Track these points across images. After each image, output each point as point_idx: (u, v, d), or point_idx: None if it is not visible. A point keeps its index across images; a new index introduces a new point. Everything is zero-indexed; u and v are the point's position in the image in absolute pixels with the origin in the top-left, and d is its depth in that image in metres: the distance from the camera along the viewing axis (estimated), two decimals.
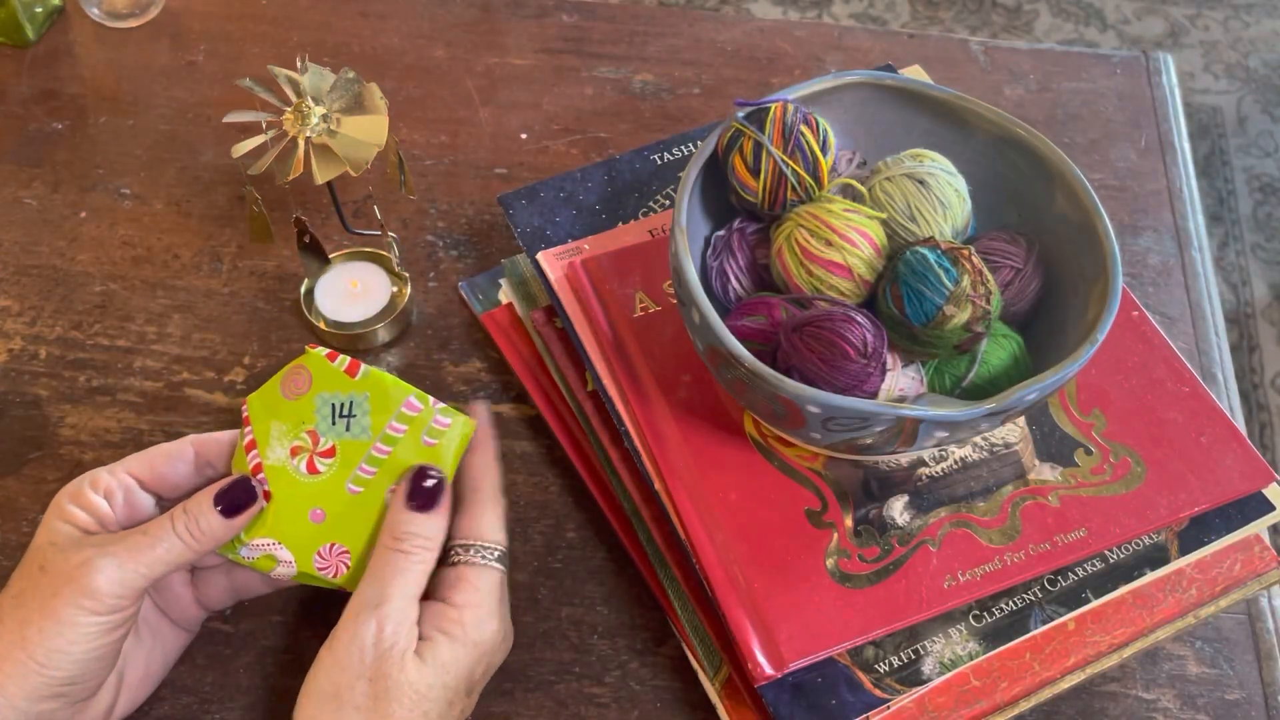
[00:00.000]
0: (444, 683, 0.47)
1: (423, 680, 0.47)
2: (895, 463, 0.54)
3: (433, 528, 0.49)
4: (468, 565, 0.50)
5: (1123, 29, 2.05)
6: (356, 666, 0.46)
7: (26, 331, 0.66)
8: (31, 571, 0.47)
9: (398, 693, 0.46)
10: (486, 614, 0.49)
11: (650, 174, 0.66)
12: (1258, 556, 0.56)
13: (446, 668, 0.47)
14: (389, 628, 0.47)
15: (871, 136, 0.57)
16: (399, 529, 0.49)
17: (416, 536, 0.49)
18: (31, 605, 0.46)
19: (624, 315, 0.58)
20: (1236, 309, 1.70)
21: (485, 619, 0.49)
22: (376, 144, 0.58)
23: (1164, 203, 0.75)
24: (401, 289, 0.66)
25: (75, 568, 0.46)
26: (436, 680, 0.47)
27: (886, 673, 0.51)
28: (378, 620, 0.47)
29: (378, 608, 0.47)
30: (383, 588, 0.47)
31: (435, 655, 0.47)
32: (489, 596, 0.50)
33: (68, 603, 0.46)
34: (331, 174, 0.58)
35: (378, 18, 0.82)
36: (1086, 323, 0.49)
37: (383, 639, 0.46)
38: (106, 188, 0.72)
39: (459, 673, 0.48)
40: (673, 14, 0.84)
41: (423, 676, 0.47)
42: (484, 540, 0.51)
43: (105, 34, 0.80)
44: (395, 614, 0.47)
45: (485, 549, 0.50)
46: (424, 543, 0.49)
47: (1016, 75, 0.81)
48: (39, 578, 0.47)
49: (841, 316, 0.48)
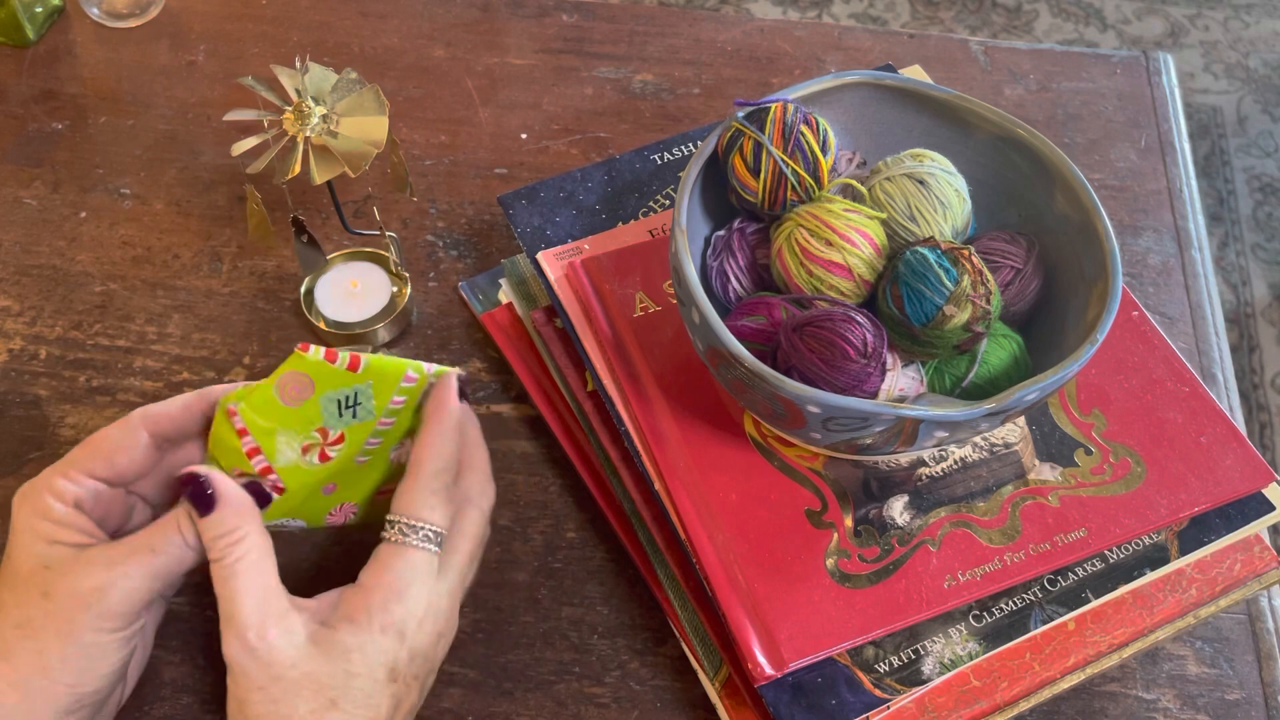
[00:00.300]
0: (346, 670, 0.46)
1: (320, 669, 0.45)
2: (895, 463, 0.54)
3: (224, 523, 0.47)
4: (385, 543, 0.48)
5: (1123, 29, 2.05)
6: (246, 680, 0.45)
7: (26, 331, 0.66)
8: (33, 598, 0.46)
9: (295, 689, 0.45)
10: (397, 596, 0.47)
11: (650, 174, 0.66)
12: (1258, 556, 0.56)
13: (348, 654, 0.46)
14: (251, 637, 0.45)
15: (871, 136, 0.57)
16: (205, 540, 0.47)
17: (217, 540, 0.47)
18: (46, 634, 0.46)
19: (624, 315, 0.58)
20: (1236, 309, 1.70)
21: (395, 601, 0.47)
22: (376, 146, 0.58)
23: (1164, 203, 0.75)
24: (401, 289, 0.66)
25: (90, 592, 0.46)
26: (335, 668, 0.45)
27: (886, 673, 0.51)
28: (240, 631, 0.45)
29: (230, 624, 0.46)
30: (230, 605, 0.46)
31: (334, 642, 0.46)
32: (403, 578, 0.47)
33: (88, 628, 0.46)
34: (329, 174, 0.58)
35: (378, 18, 0.82)
36: (1086, 323, 0.49)
37: (253, 651, 0.45)
38: (106, 188, 0.72)
39: (368, 658, 0.46)
40: (673, 14, 0.84)
41: (316, 665, 0.45)
42: (409, 518, 0.48)
43: (105, 34, 0.80)
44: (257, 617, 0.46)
45: (410, 527, 0.48)
46: (226, 540, 0.47)
47: (1016, 75, 0.81)
48: (45, 604, 0.46)
49: (841, 316, 0.48)
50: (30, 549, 0.47)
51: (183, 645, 0.56)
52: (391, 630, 0.47)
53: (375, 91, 0.59)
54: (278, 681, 0.45)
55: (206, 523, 0.47)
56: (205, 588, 0.57)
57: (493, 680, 0.55)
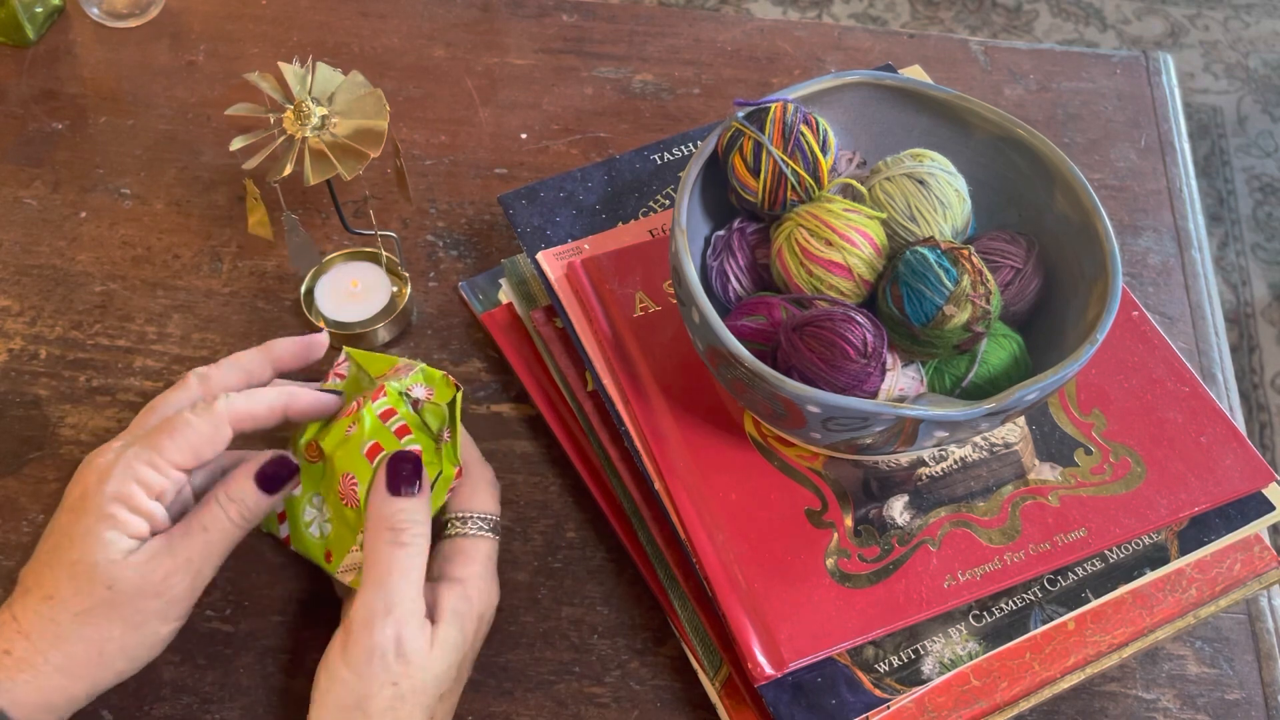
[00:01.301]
0: (453, 661, 0.49)
1: (439, 666, 0.48)
2: (895, 463, 0.54)
3: (422, 510, 0.50)
4: (464, 538, 0.51)
5: (1123, 29, 2.05)
6: (381, 675, 0.46)
7: (26, 331, 0.66)
8: (97, 590, 0.46)
9: (420, 685, 0.47)
10: (487, 584, 0.51)
11: (650, 174, 0.66)
12: (1258, 556, 0.56)
13: (457, 646, 0.49)
14: (407, 632, 0.47)
15: (871, 136, 0.57)
16: (392, 519, 0.48)
17: (411, 523, 0.49)
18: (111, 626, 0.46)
19: (624, 315, 0.58)
20: (1236, 309, 1.70)
21: (486, 589, 0.51)
22: (371, 152, 0.58)
23: (1164, 203, 0.75)
24: (401, 289, 0.66)
25: (159, 584, 0.47)
26: (451, 660, 0.48)
27: (886, 673, 0.51)
28: (394, 628, 0.47)
29: (390, 614, 0.47)
30: (390, 592, 0.47)
31: (447, 638, 0.48)
32: (486, 566, 0.52)
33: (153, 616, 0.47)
34: (323, 176, 0.57)
35: (378, 18, 0.82)
36: (1086, 323, 0.49)
37: (403, 644, 0.47)
38: (106, 188, 0.72)
39: (465, 646, 0.49)
40: (673, 14, 0.84)
41: (437, 663, 0.48)
42: (478, 511, 0.52)
43: (105, 34, 0.80)
44: (409, 617, 0.47)
45: (481, 519, 0.52)
46: (419, 528, 0.49)
47: (1016, 75, 0.81)
48: (109, 596, 0.46)
49: (841, 316, 0.48)
50: (101, 538, 0.46)
51: (183, 645, 0.56)
52: (483, 619, 0.51)
53: (378, 97, 0.59)
54: (409, 679, 0.47)
55: (412, 502, 0.49)
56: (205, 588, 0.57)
57: (493, 680, 0.55)
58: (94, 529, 0.46)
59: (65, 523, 0.47)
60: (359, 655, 0.47)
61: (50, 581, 0.47)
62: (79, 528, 0.47)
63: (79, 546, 0.46)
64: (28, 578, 0.48)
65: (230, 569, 0.58)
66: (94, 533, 0.46)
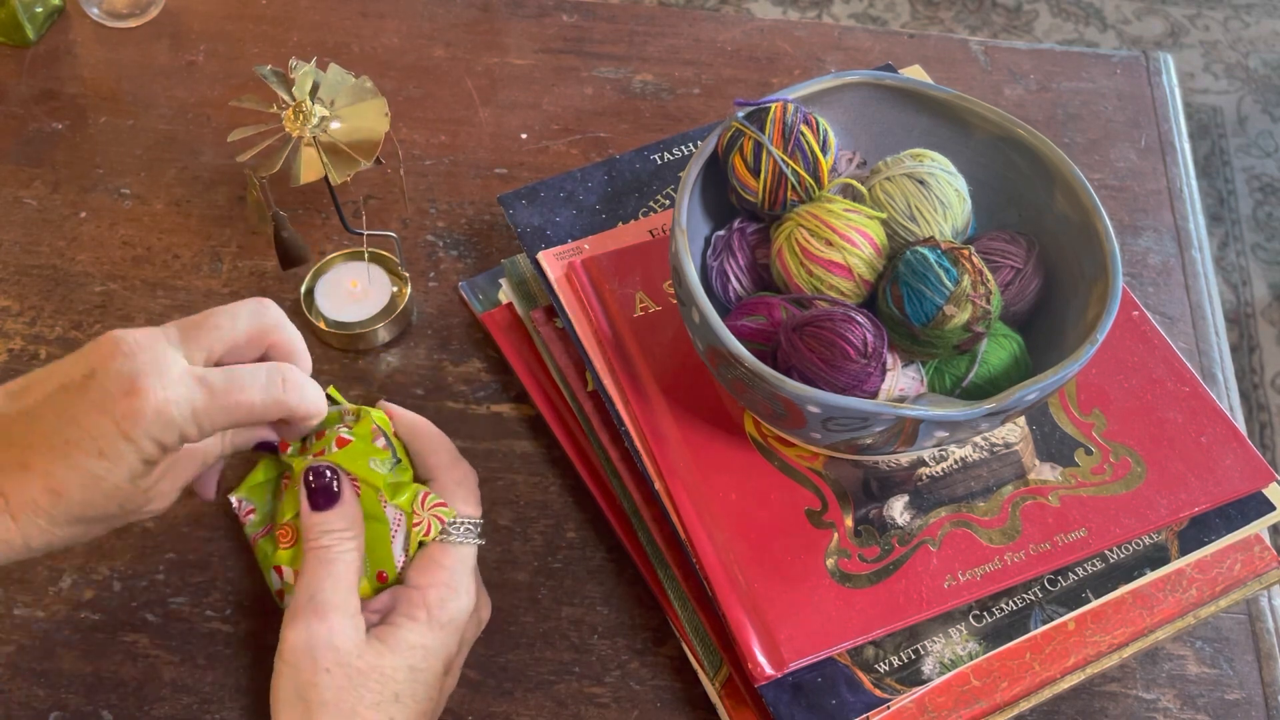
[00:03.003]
0: (410, 664, 0.47)
1: (385, 662, 0.47)
2: (895, 463, 0.54)
3: (343, 519, 0.49)
4: (434, 544, 0.50)
5: (1123, 29, 2.05)
6: (312, 664, 0.46)
7: (27, 331, 0.66)
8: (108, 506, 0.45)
9: (361, 679, 0.46)
10: (452, 592, 0.49)
11: (650, 174, 0.66)
12: (1258, 556, 0.56)
13: (412, 649, 0.48)
14: (333, 618, 0.47)
15: (871, 136, 0.57)
16: (312, 532, 0.49)
17: (329, 533, 0.49)
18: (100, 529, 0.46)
19: (624, 315, 0.58)
20: (1236, 309, 1.70)
21: (451, 597, 0.49)
22: (365, 160, 0.58)
23: (1164, 203, 0.75)
24: (401, 289, 0.66)
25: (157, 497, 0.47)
26: (401, 662, 0.47)
27: (886, 673, 0.51)
28: (318, 615, 0.47)
29: (315, 605, 0.47)
30: (314, 588, 0.48)
31: (398, 638, 0.47)
32: (455, 573, 0.50)
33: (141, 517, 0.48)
34: (313, 176, 0.57)
35: (378, 18, 0.82)
36: (1086, 323, 0.49)
37: (332, 631, 0.47)
38: (106, 188, 0.72)
39: (429, 653, 0.48)
40: (673, 14, 0.84)
41: (384, 659, 0.47)
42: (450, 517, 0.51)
43: (105, 34, 0.80)
44: (332, 611, 0.47)
45: (452, 525, 0.51)
46: (339, 535, 0.49)
47: (1016, 75, 0.81)
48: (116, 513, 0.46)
49: (841, 316, 0.48)
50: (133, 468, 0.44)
51: (182, 645, 0.56)
52: (450, 626, 0.49)
53: (381, 105, 0.59)
54: (344, 668, 0.46)
55: (324, 516, 0.49)
56: (205, 589, 0.58)
57: (493, 680, 0.55)
58: (127, 459, 0.44)
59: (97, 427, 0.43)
60: (290, 645, 0.47)
61: (59, 475, 0.43)
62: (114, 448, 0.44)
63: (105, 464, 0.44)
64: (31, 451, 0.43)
65: (230, 569, 0.58)
66: (127, 463, 0.44)
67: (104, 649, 0.56)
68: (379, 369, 0.65)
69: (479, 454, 0.62)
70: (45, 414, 0.44)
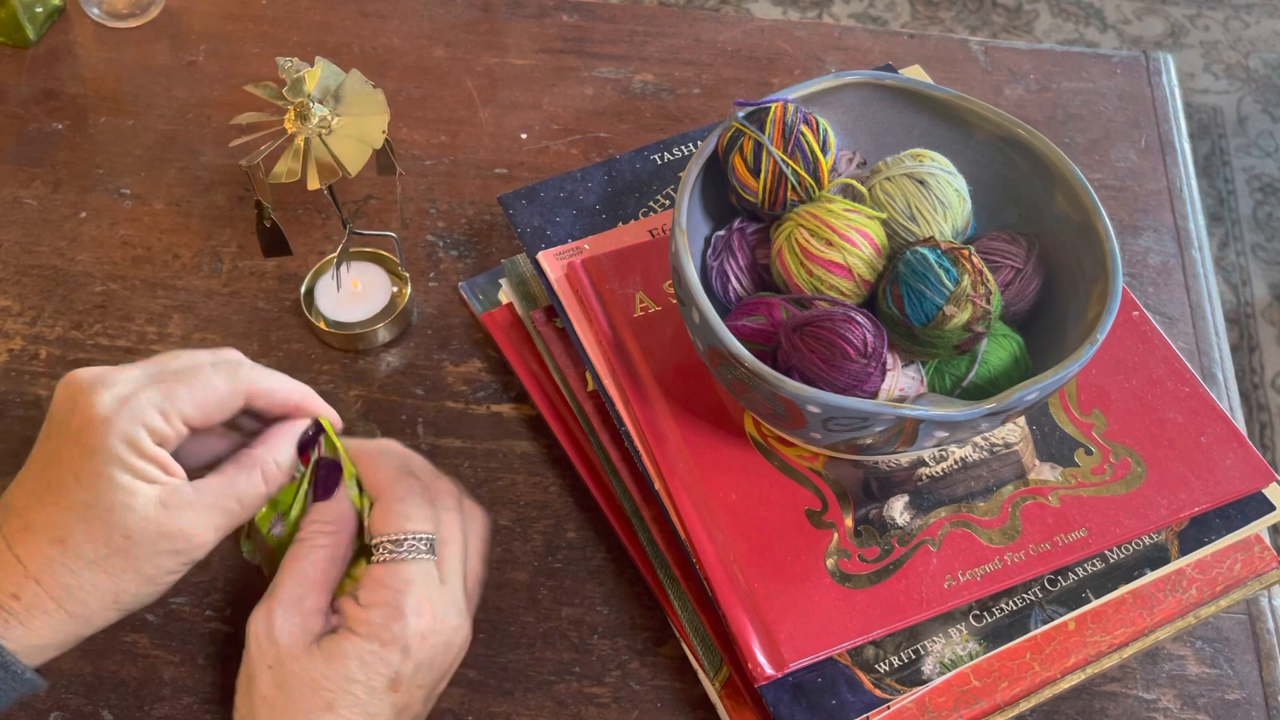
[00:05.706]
0: (346, 674, 0.46)
1: (317, 669, 0.46)
2: (895, 463, 0.54)
3: (331, 511, 0.49)
4: (377, 564, 0.48)
5: (1123, 29, 2.05)
6: (258, 656, 0.46)
7: (27, 331, 0.66)
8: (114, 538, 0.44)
9: (294, 681, 0.46)
10: (396, 613, 0.47)
11: (650, 174, 0.66)
12: (1258, 556, 0.56)
13: (347, 660, 0.46)
14: (279, 615, 0.47)
15: (871, 136, 0.57)
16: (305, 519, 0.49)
17: (313, 523, 0.49)
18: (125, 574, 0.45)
19: (624, 315, 0.58)
20: (1236, 309, 1.70)
21: (394, 620, 0.47)
22: (352, 171, 0.57)
23: (1164, 203, 0.75)
24: (402, 289, 0.66)
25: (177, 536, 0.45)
26: (334, 671, 0.46)
27: (886, 673, 0.51)
28: (269, 610, 0.47)
29: (271, 595, 0.47)
30: (281, 578, 0.48)
31: (336, 647, 0.46)
32: (400, 593, 0.47)
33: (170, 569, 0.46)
34: (294, 178, 0.57)
35: (378, 18, 0.82)
36: (1086, 323, 0.49)
37: (274, 628, 0.46)
38: (106, 188, 0.72)
39: (371, 669, 0.46)
40: (673, 14, 0.84)
41: (316, 665, 0.46)
42: (390, 534, 0.48)
43: (105, 34, 0.80)
44: (286, 601, 0.47)
45: (394, 543, 0.48)
46: (320, 527, 0.49)
47: (1016, 75, 0.81)
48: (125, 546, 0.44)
49: (841, 316, 0.48)
50: (115, 482, 0.44)
51: (182, 645, 0.56)
52: (395, 645, 0.47)
53: (381, 118, 0.59)
54: (281, 667, 0.46)
55: (320, 507, 0.49)
56: (205, 588, 0.58)
57: (493, 680, 0.55)
58: (105, 471, 0.44)
59: (68, 457, 0.45)
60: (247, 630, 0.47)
61: (60, 524, 0.44)
62: (87, 468, 0.44)
63: (89, 488, 0.44)
64: (29, 512, 0.45)
65: (230, 569, 0.58)
66: (105, 475, 0.44)
67: (104, 649, 0.56)
68: (379, 369, 0.65)
69: (479, 454, 0.62)
70: (31, 473, 0.46)
